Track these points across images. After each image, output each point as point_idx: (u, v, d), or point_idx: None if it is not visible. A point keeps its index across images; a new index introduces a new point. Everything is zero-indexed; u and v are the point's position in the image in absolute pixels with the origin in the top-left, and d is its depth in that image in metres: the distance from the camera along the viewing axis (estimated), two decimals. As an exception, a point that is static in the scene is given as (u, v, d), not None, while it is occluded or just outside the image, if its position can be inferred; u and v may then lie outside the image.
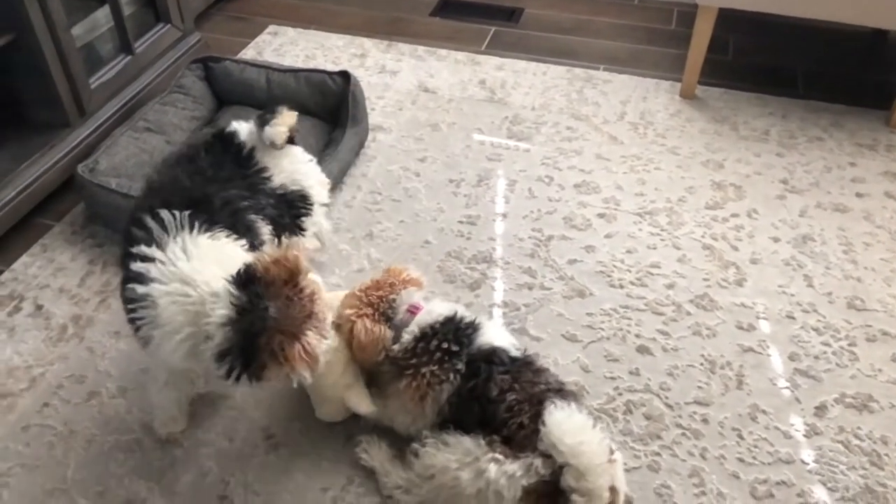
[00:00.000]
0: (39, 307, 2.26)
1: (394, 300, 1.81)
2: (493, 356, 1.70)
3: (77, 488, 1.78)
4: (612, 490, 1.49)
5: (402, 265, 1.93)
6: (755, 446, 1.88)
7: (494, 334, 1.77)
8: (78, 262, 2.42)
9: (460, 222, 2.60)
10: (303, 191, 2.04)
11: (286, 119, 1.98)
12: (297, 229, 2.03)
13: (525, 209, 2.67)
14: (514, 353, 1.74)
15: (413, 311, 1.80)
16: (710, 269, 2.43)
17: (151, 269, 1.52)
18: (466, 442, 1.59)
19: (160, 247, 1.55)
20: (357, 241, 2.51)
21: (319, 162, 2.65)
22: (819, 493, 1.78)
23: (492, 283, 2.36)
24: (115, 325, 2.19)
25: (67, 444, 1.87)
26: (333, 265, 2.41)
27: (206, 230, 1.61)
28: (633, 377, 2.06)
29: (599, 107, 3.25)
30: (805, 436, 1.91)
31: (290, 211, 2.00)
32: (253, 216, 1.81)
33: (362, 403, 1.79)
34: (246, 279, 1.44)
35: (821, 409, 1.98)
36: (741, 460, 1.85)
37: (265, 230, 1.85)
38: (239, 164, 1.91)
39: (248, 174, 1.90)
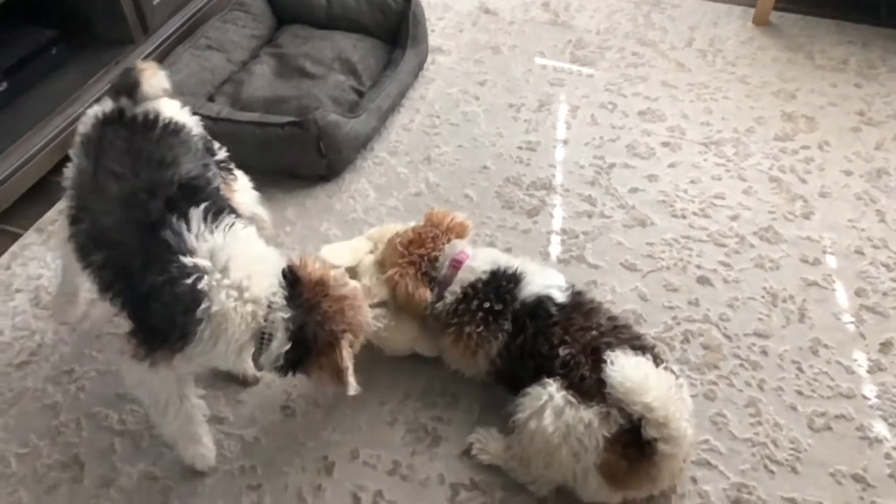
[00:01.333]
0: (109, 221, 2.33)
1: (436, 258, 1.77)
2: (538, 309, 1.66)
3: (149, 392, 1.87)
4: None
5: (445, 210, 1.88)
6: (815, 380, 1.86)
7: (538, 281, 1.71)
8: (144, 179, 2.47)
9: (519, 148, 2.57)
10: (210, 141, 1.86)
11: (148, 71, 1.67)
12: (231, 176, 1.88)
13: (587, 136, 2.61)
14: (561, 298, 1.68)
15: (456, 265, 1.76)
16: (776, 202, 2.35)
17: (202, 283, 1.38)
18: (537, 390, 1.56)
19: (193, 254, 1.40)
20: (415, 165, 2.50)
21: (378, 84, 2.64)
22: (879, 427, 1.76)
23: (550, 210, 2.33)
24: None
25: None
26: (391, 188, 2.42)
27: (221, 221, 1.46)
28: (692, 307, 2.04)
29: (667, 32, 3.12)
30: (868, 371, 1.88)
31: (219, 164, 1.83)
32: (218, 182, 1.66)
33: (428, 350, 1.84)
34: (293, 281, 1.47)
35: (886, 346, 1.93)
36: (800, 393, 1.83)
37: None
38: (152, 136, 1.58)
39: (173, 142, 1.59)
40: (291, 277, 1.47)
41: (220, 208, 1.49)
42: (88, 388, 1.87)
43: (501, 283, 1.70)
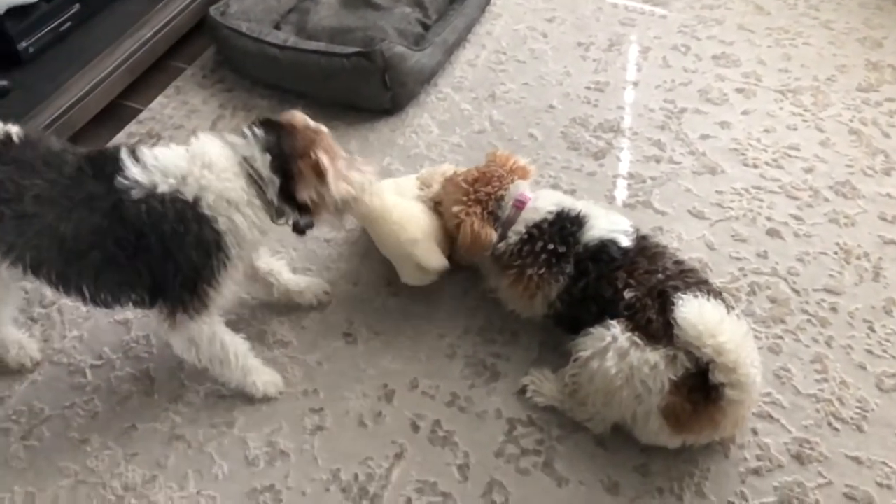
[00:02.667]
0: (176, 146, 2.36)
1: (502, 197, 1.74)
2: (601, 253, 1.63)
3: (215, 314, 1.92)
4: None
5: (508, 152, 1.84)
6: (887, 340, 1.81)
7: (602, 224, 1.67)
8: (210, 105, 2.49)
9: (587, 88, 2.50)
10: None
11: None
12: None
13: (658, 79, 2.53)
14: (625, 242, 1.65)
15: (519, 205, 1.73)
16: (855, 155, 2.26)
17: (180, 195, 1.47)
18: (600, 331, 1.55)
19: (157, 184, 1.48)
20: (479, 102, 2.46)
21: (444, 17, 2.57)
22: (951, 391, 1.72)
23: (617, 154, 2.28)
24: (245, 168, 2.27)
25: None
26: (454, 124, 2.39)
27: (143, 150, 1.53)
28: (761, 259, 1.99)
29: (747, -28, 2.97)
30: (943, 334, 1.82)
31: None
32: None
33: (432, 259, 1.78)
34: (270, 126, 1.57)
35: (964, 309, 1.87)
36: (870, 352, 1.79)
37: None
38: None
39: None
40: (268, 127, 1.56)
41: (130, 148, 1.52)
42: (157, 307, 1.93)
43: (566, 225, 1.67)
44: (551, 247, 1.66)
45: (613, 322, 1.54)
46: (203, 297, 1.54)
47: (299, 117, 1.64)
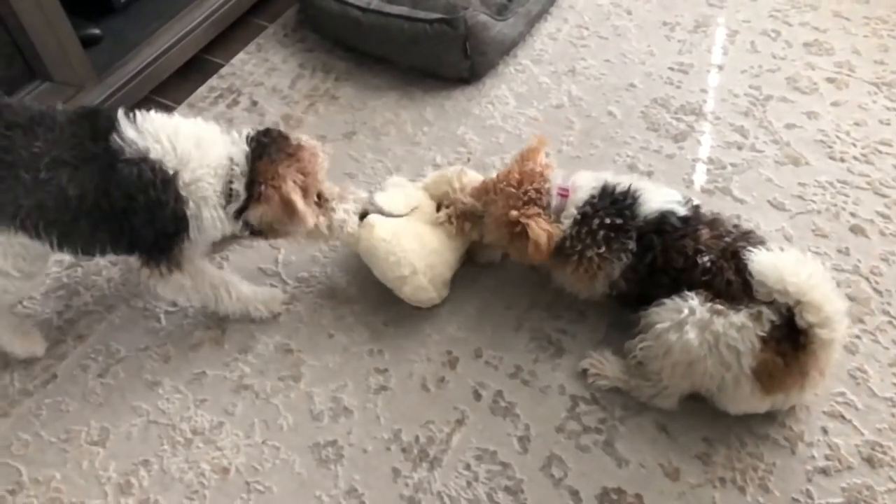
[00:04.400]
0: (255, 103, 2.39)
1: (548, 190, 1.68)
2: (663, 224, 1.60)
3: (286, 271, 1.96)
4: None
5: (533, 147, 1.74)
6: (972, 348, 1.74)
7: (657, 197, 1.64)
8: (289, 65, 2.51)
9: (671, 69, 2.44)
10: None
11: None
12: None
13: (744, 63, 2.44)
14: (682, 211, 1.62)
15: (564, 192, 1.68)
16: (951, 156, 2.16)
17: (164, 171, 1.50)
18: (676, 302, 1.53)
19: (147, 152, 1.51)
20: (558, 76, 2.42)
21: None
22: None
23: (698, 137, 2.22)
24: (321, 129, 2.29)
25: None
26: (532, 97, 2.36)
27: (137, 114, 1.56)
28: (842, 256, 1.92)
29: (847, -43, 2.84)
30: None
31: None
32: None
33: (421, 296, 1.75)
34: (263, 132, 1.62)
35: None
36: (953, 360, 1.72)
37: None
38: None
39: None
40: (257, 139, 1.60)
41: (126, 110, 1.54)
42: (231, 259, 1.98)
43: (617, 198, 1.64)
44: (608, 221, 1.62)
45: (691, 294, 1.52)
46: (177, 256, 1.60)
47: (305, 140, 1.67)
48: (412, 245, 1.73)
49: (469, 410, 1.67)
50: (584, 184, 1.68)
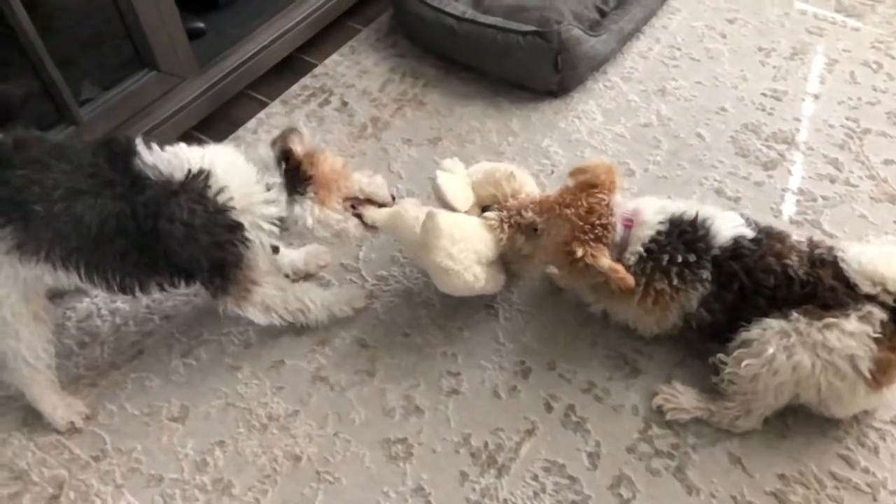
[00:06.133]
0: (345, 104, 2.45)
1: (614, 224, 1.61)
2: (739, 249, 1.56)
3: (366, 268, 1.99)
4: None
5: (604, 162, 1.68)
6: None
7: (725, 224, 1.60)
8: (380, 68, 2.57)
9: (764, 95, 2.39)
10: None
11: None
12: None
13: (842, 94, 2.38)
14: (750, 233, 1.58)
15: (629, 224, 1.62)
16: None
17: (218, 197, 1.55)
18: (775, 324, 1.50)
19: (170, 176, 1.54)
20: (648, 95, 2.41)
21: (623, 5, 2.52)
22: None
23: (789, 167, 2.17)
24: (408, 133, 2.33)
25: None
26: (619, 114, 2.35)
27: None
28: (937, 299, 1.85)
29: (959, -10, 2.74)
30: None
31: None
32: None
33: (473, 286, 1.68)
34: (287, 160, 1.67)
35: None
36: None
37: None
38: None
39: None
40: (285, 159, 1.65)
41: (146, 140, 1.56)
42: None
43: (685, 231, 1.59)
44: (680, 259, 1.57)
45: (793, 313, 1.50)
46: (244, 274, 1.62)
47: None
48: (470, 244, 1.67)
49: (539, 421, 1.67)
50: (650, 219, 1.62)
